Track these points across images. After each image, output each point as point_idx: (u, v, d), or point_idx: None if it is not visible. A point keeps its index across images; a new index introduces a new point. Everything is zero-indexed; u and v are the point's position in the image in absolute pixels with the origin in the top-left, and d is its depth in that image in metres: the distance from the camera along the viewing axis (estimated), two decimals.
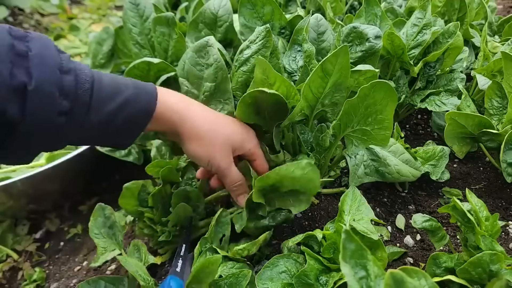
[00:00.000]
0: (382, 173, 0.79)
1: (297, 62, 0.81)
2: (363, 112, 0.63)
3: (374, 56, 0.81)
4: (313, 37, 0.85)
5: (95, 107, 0.56)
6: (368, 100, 0.61)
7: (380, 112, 0.62)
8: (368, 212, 0.66)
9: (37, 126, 0.50)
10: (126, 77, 0.88)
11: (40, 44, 0.51)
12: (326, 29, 0.85)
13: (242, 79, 0.74)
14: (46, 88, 0.49)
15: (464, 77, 1.02)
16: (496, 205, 0.90)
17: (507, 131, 0.82)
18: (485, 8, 1.32)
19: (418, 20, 0.99)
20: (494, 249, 0.58)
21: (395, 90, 0.59)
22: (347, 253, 0.36)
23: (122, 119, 0.59)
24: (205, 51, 0.75)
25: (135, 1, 1.04)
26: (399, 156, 0.82)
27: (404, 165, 0.81)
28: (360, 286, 0.35)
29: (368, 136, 0.67)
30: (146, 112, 0.62)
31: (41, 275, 0.99)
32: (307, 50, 0.78)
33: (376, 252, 0.62)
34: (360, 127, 0.66)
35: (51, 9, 2.78)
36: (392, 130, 0.68)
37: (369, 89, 0.59)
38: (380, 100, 0.60)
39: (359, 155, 0.78)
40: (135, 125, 0.62)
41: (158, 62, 0.85)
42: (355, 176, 0.77)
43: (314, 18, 0.85)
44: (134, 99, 0.60)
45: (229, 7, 0.96)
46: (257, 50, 0.72)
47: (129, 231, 1.04)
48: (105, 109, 0.57)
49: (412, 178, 0.82)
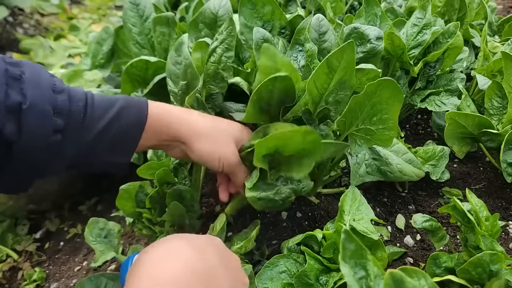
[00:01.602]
0: (384, 172, 0.79)
1: (298, 62, 0.80)
2: (368, 110, 0.62)
3: (375, 58, 0.81)
4: (315, 37, 0.84)
5: (89, 123, 0.56)
6: (374, 98, 0.60)
7: (385, 111, 0.62)
8: (368, 212, 0.66)
9: (33, 145, 0.51)
10: (125, 75, 0.88)
11: (33, 69, 0.53)
12: (328, 29, 0.85)
13: (211, 70, 0.73)
14: (40, 105, 0.51)
15: (464, 77, 1.02)
16: (496, 205, 0.90)
17: (507, 131, 0.82)
18: (485, 8, 1.32)
19: (418, 20, 0.99)
20: (494, 249, 0.58)
21: (401, 90, 0.59)
22: (346, 253, 0.36)
23: (115, 132, 0.59)
24: (180, 50, 0.75)
25: (135, 1, 1.04)
26: (402, 156, 0.82)
27: (407, 165, 0.81)
28: (360, 286, 0.35)
29: (372, 136, 0.66)
30: (138, 120, 0.61)
31: (41, 275, 0.99)
32: (309, 50, 0.77)
33: (376, 252, 0.62)
34: (364, 126, 0.65)
35: (51, 9, 2.78)
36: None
37: (376, 87, 0.58)
38: (386, 99, 0.60)
39: (360, 154, 0.78)
40: (129, 137, 0.61)
41: (156, 61, 0.85)
42: (356, 175, 0.77)
43: (316, 18, 0.85)
44: (125, 111, 0.60)
45: (229, 7, 0.96)
46: (223, 40, 0.72)
47: (129, 232, 1.04)
48: (98, 124, 0.57)
49: (415, 178, 0.82)
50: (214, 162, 0.65)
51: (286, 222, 0.87)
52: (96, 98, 0.59)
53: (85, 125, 0.56)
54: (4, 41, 2.28)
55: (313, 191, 0.89)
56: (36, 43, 2.21)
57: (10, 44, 2.28)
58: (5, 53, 2.22)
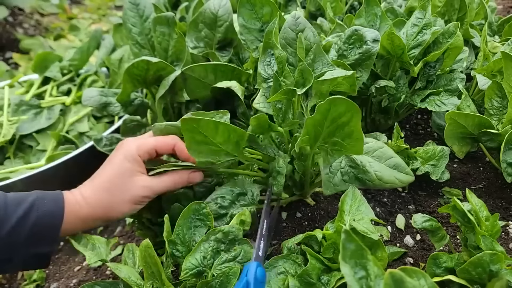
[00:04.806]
0: (362, 180, 0.74)
1: (272, 67, 0.78)
2: (329, 125, 0.60)
3: (370, 60, 0.80)
4: (292, 37, 0.80)
5: (3, 219, 0.58)
6: (331, 113, 0.58)
7: (346, 123, 0.59)
8: (368, 212, 0.66)
9: None
10: (126, 75, 0.88)
11: None
12: (305, 27, 0.80)
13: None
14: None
15: (464, 77, 1.02)
16: (496, 205, 0.90)
17: (507, 131, 0.82)
18: (485, 8, 1.32)
19: (418, 20, 0.99)
20: (494, 249, 0.58)
21: (355, 104, 0.56)
22: (347, 253, 0.36)
23: (32, 223, 0.60)
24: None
25: (135, 1, 1.04)
26: (385, 161, 0.76)
27: (388, 171, 0.75)
28: (360, 286, 0.35)
29: (341, 146, 0.64)
30: (55, 206, 0.62)
31: (41, 275, 0.99)
32: (278, 57, 0.75)
33: (376, 252, 0.62)
34: (330, 139, 0.64)
35: (51, 9, 2.78)
36: (363, 139, 0.64)
37: (329, 104, 0.56)
38: (344, 112, 0.57)
39: (336, 162, 0.74)
40: (50, 225, 0.62)
41: (157, 61, 0.85)
42: (329, 184, 0.73)
43: (292, 17, 0.81)
44: (40, 201, 0.62)
45: (229, 7, 0.96)
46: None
47: (129, 232, 1.04)
48: (13, 217, 0.59)
49: (399, 185, 0.76)
50: (144, 199, 0.69)
51: (286, 222, 0.87)
52: (8, 195, 0.62)
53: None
54: (4, 41, 2.29)
55: (306, 193, 0.89)
56: (36, 43, 2.21)
57: (10, 44, 2.29)
58: (5, 53, 2.22)
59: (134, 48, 1.03)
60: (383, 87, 1.01)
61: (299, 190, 0.87)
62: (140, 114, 1.05)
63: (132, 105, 1.01)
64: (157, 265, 0.61)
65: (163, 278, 0.60)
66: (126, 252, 0.76)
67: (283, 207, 0.90)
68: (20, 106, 1.34)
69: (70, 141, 1.29)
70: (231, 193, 0.73)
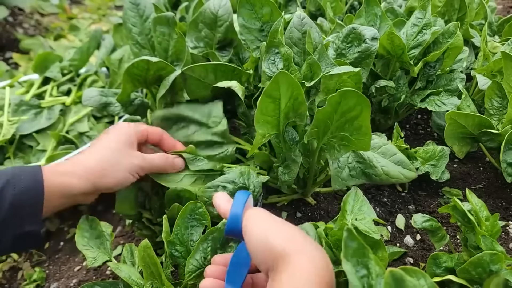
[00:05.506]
0: (369, 175, 0.76)
1: (276, 65, 0.78)
2: (338, 118, 0.61)
3: (369, 58, 0.80)
4: (298, 37, 0.81)
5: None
6: (341, 107, 0.58)
7: (356, 118, 0.60)
8: (370, 213, 0.66)
9: None
10: (126, 75, 0.88)
11: None
12: (311, 27, 0.82)
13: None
14: None
15: (464, 77, 1.02)
16: (496, 205, 0.90)
17: (507, 131, 0.82)
18: (485, 8, 1.32)
19: (418, 20, 0.99)
20: (494, 249, 0.58)
21: (366, 98, 0.56)
22: (349, 252, 0.36)
23: (9, 202, 0.58)
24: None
25: (135, 1, 1.04)
26: (390, 157, 0.79)
27: (394, 166, 0.78)
28: (362, 284, 0.35)
29: (349, 141, 0.65)
30: (34, 182, 0.60)
31: (41, 275, 0.99)
32: (284, 54, 0.76)
33: (377, 252, 0.62)
34: (339, 133, 0.64)
35: (51, 9, 2.78)
36: (370, 136, 0.65)
37: (339, 97, 0.56)
38: (354, 106, 0.58)
39: (343, 157, 0.76)
40: (30, 202, 0.60)
41: (157, 61, 0.85)
42: (338, 179, 0.74)
43: (297, 17, 0.82)
44: (16, 178, 0.59)
45: (229, 7, 0.96)
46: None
47: (129, 232, 1.04)
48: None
49: (404, 180, 0.79)
50: (130, 179, 0.70)
51: None
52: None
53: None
54: (4, 41, 2.28)
55: (308, 192, 0.89)
56: (36, 43, 2.21)
57: (10, 44, 2.28)
58: (5, 53, 2.22)
59: (134, 48, 1.03)
60: (383, 87, 1.01)
61: (301, 188, 0.87)
62: (140, 114, 1.04)
63: (132, 105, 1.00)
64: (156, 265, 0.61)
65: (162, 278, 0.60)
66: (125, 252, 0.76)
67: (283, 206, 0.90)
68: (20, 106, 1.34)
69: (70, 141, 1.29)
70: (234, 184, 0.74)
